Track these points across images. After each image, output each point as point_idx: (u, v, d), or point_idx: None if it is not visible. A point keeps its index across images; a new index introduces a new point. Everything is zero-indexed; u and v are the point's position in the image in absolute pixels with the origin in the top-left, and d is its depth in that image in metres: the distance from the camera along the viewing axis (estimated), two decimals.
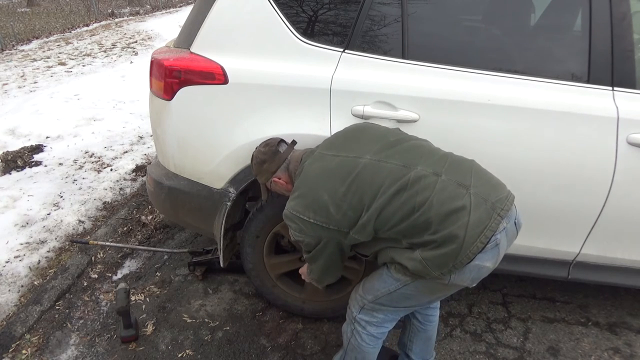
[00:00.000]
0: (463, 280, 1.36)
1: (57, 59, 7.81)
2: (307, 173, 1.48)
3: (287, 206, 1.48)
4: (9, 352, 2.03)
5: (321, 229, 1.42)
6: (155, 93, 1.96)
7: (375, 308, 1.53)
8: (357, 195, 1.37)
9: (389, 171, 1.38)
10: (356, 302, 1.58)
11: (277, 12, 1.79)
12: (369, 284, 1.55)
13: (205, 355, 2.03)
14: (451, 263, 1.30)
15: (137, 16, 14.20)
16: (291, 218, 1.46)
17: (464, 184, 1.34)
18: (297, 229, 1.45)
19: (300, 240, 1.48)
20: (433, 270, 1.31)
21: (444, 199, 1.31)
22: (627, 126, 1.69)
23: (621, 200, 1.77)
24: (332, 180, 1.41)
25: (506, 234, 1.35)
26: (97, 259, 2.67)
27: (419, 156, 1.41)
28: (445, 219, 1.29)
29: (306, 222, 1.43)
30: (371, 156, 1.42)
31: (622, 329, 2.17)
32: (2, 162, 3.75)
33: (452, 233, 1.28)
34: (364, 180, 1.38)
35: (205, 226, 2.07)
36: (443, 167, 1.38)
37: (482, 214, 1.30)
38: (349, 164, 1.42)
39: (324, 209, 1.40)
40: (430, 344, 1.80)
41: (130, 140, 4.34)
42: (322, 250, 1.47)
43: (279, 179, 1.61)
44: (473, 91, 1.74)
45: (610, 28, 1.70)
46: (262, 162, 1.62)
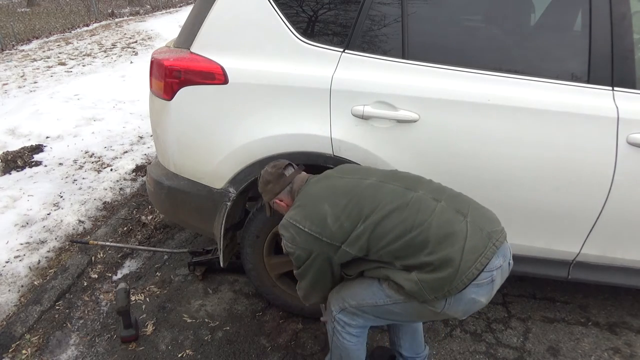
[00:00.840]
0: (456, 312, 1.39)
1: (57, 59, 7.81)
2: (312, 188, 1.53)
3: (286, 216, 1.51)
4: (9, 352, 2.03)
5: (313, 239, 1.43)
6: (155, 93, 1.96)
7: (357, 313, 1.53)
8: (357, 207, 1.41)
9: (391, 190, 1.44)
10: (337, 303, 1.57)
11: (277, 12, 1.79)
12: (355, 290, 1.53)
13: (205, 355, 2.03)
14: (446, 287, 1.31)
15: (137, 16, 14.20)
16: (286, 226, 1.48)
17: (462, 212, 1.39)
18: (290, 239, 1.47)
19: (291, 252, 1.49)
20: (428, 293, 1.32)
21: (442, 222, 1.35)
22: (627, 126, 1.69)
23: (621, 200, 1.77)
24: (336, 193, 1.46)
25: (501, 273, 1.39)
26: (97, 259, 2.67)
27: (419, 184, 1.48)
28: (442, 241, 1.32)
29: (300, 231, 1.44)
30: (376, 179, 1.48)
31: (622, 329, 2.17)
32: (2, 162, 3.75)
33: (449, 256, 1.30)
34: (365, 195, 1.43)
35: (205, 226, 2.07)
36: (442, 195, 1.44)
37: (477, 242, 1.33)
38: (354, 182, 1.48)
39: (322, 219, 1.42)
40: (418, 337, 1.79)
41: (130, 140, 4.34)
42: (310, 265, 1.48)
43: (280, 200, 1.63)
44: (473, 91, 1.74)
45: (610, 28, 1.69)
46: (267, 182, 1.64)
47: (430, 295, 1.33)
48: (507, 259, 1.41)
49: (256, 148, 1.85)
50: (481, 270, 1.31)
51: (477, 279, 1.31)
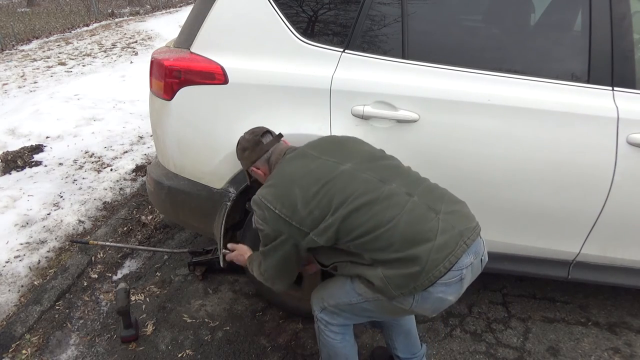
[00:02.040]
0: (424, 310, 1.37)
1: (57, 59, 7.81)
2: (286, 166, 1.49)
3: (258, 192, 1.48)
4: (9, 352, 2.03)
5: (283, 222, 1.41)
6: (155, 93, 1.96)
7: (336, 312, 1.54)
8: (327, 196, 1.38)
9: (364, 181, 1.39)
10: (317, 303, 1.58)
11: (277, 12, 1.79)
12: (330, 290, 1.54)
13: (205, 355, 2.03)
14: (412, 284, 1.29)
15: (137, 16, 14.20)
16: (258, 204, 1.46)
17: (434, 209, 1.35)
18: (261, 217, 1.44)
19: (261, 229, 1.46)
20: (393, 289, 1.31)
21: (411, 220, 1.32)
22: (627, 126, 1.69)
23: (621, 200, 1.77)
24: (308, 178, 1.42)
25: (472, 269, 1.36)
26: (97, 259, 2.67)
27: (396, 175, 1.44)
28: (410, 239, 1.30)
29: (271, 212, 1.42)
30: (351, 165, 1.44)
31: (622, 329, 2.17)
32: (2, 162, 3.75)
33: (415, 254, 1.28)
34: (338, 184, 1.39)
35: (205, 226, 2.07)
36: (417, 189, 1.40)
37: (448, 240, 1.30)
38: (328, 167, 1.44)
39: (292, 204, 1.40)
40: (412, 338, 1.78)
41: (130, 140, 4.34)
42: (277, 248, 1.45)
43: (257, 169, 1.61)
44: (473, 91, 1.74)
45: (610, 28, 1.70)
46: (243, 149, 1.62)
47: (396, 291, 1.31)
48: (479, 256, 1.38)
49: None
50: (449, 268, 1.29)
51: (444, 277, 1.29)
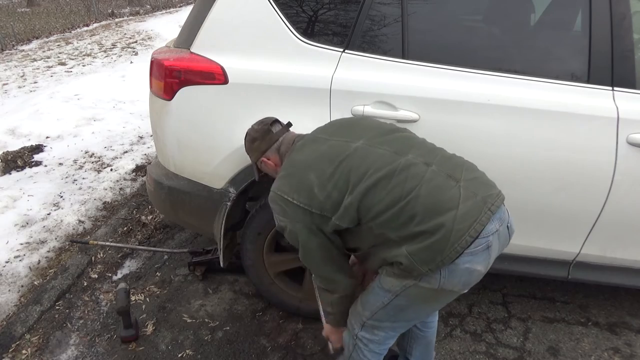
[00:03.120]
0: (454, 285, 1.30)
1: (57, 59, 7.81)
2: (297, 154, 1.44)
3: (272, 187, 1.43)
4: (9, 352, 2.03)
5: (303, 212, 1.36)
6: (155, 93, 1.96)
7: (375, 325, 1.46)
8: (343, 175, 1.33)
9: (379, 156, 1.34)
10: (356, 319, 1.50)
11: (277, 12, 1.79)
12: (364, 298, 1.48)
13: (205, 355, 2.03)
14: (438, 257, 1.23)
15: (137, 16, 14.20)
16: (274, 199, 1.41)
17: (454, 177, 1.29)
18: (280, 212, 1.40)
19: (283, 226, 1.42)
20: (420, 265, 1.24)
21: (431, 189, 1.26)
22: (627, 126, 1.69)
23: (621, 200, 1.77)
24: (321, 161, 1.37)
25: (498, 237, 1.30)
26: (97, 259, 2.67)
27: (411, 146, 1.38)
28: (432, 210, 1.24)
29: (289, 203, 1.37)
30: (364, 142, 1.39)
31: (622, 329, 2.17)
32: (2, 162, 3.75)
33: (439, 224, 1.22)
34: (352, 162, 1.34)
35: (205, 226, 2.07)
36: (434, 158, 1.35)
37: (471, 207, 1.24)
38: (340, 147, 1.39)
39: (309, 190, 1.35)
40: (430, 348, 1.78)
41: (130, 140, 4.34)
42: (308, 242, 1.39)
43: (268, 159, 1.56)
44: (473, 91, 1.74)
45: (610, 28, 1.70)
46: (253, 139, 1.58)
47: (424, 267, 1.24)
48: (504, 222, 1.31)
49: None
50: (475, 237, 1.23)
51: (470, 246, 1.23)
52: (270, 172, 1.62)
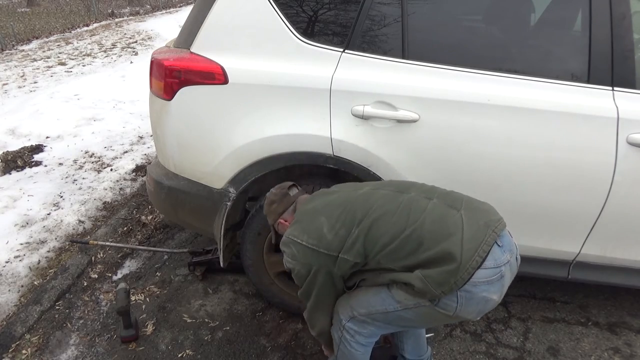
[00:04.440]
0: (468, 313, 1.35)
1: (57, 59, 7.81)
2: (307, 204, 1.55)
3: (285, 233, 1.54)
4: (9, 352, 2.03)
5: (312, 252, 1.44)
6: (155, 93, 1.96)
7: (367, 321, 1.51)
8: (350, 214, 1.43)
9: (382, 195, 1.47)
10: (346, 311, 1.54)
11: (277, 12, 1.79)
12: (363, 298, 1.50)
13: (205, 355, 2.03)
14: (452, 279, 1.28)
15: (137, 16, 14.20)
16: (286, 243, 1.50)
17: (454, 207, 1.39)
18: (290, 255, 1.48)
19: (292, 267, 1.50)
20: (434, 288, 1.29)
21: (435, 217, 1.36)
22: (627, 126, 1.69)
23: (621, 200, 1.77)
24: (330, 206, 1.49)
25: (510, 268, 1.36)
26: (97, 259, 2.67)
27: (411, 185, 1.53)
28: (438, 235, 1.32)
29: (298, 245, 1.46)
30: (369, 188, 1.52)
31: (622, 329, 2.17)
32: (2, 162, 3.75)
33: (448, 248, 1.29)
34: (358, 202, 1.46)
35: (205, 226, 2.07)
36: (434, 194, 1.46)
37: (475, 231, 1.32)
38: (347, 194, 1.52)
39: (318, 231, 1.44)
40: (421, 340, 1.79)
41: (130, 140, 4.34)
42: (313, 282, 1.48)
43: (285, 221, 1.62)
44: (473, 91, 1.74)
45: (610, 28, 1.70)
46: (271, 202, 1.64)
47: (438, 290, 1.29)
48: (514, 254, 1.39)
49: (256, 148, 1.85)
50: (484, 258, 1.28)
51: (484, 273, 1.29)
52: None
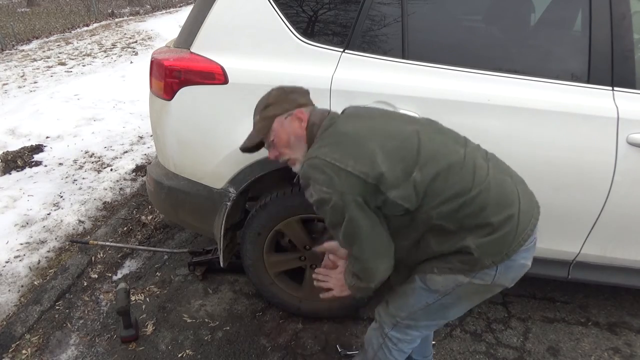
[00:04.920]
0: (506, 280, 1.31)
1: (57, 59, 7.81)
2: (344, 126, 1.30)
3: (314, 154, 1.24)
4: (9, 352, 2.03)
5: (356, 180, 1.19)
6: (155, 93, 1.96)
7: (410, 325, 1.43)
8: (409, 151, 1.23)
9: (443, 143, 1.29)
10: (388, 320, 1.45)
11: (277, 12, 1.79)
12: (401, 301, 1.41)
13: (205, 355, 2.03)
14: (505, 250, 1.23)
15: (137, 16, 14.20)
16: (319, 166, 1.21)
17: (507, 174, 1.32)
18: (325, 182, 1.20)
19: (325, 198, 1.21)
20: (485, 258, 1.22)
21: (498, 182, 1.26)
22: (627, 126, 1.69)
23: (621, 200, 1.77)
24: (381, 135, 1.25)
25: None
26: (97, 259, 2.67)
27: (462, 137, 1.37)
28: (501, 202, 1.23)
29: (341, 171, 1.19)
30: (418, 127, 1.31)
31: (622, 329, 2.17)
32: (2, 162, 3.75)
33: (508, 216, 1.22)
34: (418, 142, 1.25)
35: (205, 226, 2.07)
36: (486, 154, 1.35)
37: (528, 203, 1.28)
38: (400, 128, 1.29)
39: (370, 158, 1.20)
40: (429, 342, 1.79)
41: (130, 140, 4.34)
42: (357, 216, 1.21)
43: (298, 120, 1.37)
44: (473, 91, 1.74)
45: (610, 28, 1.70)
46: (266, 105, 1.40)
47: (488, 260, 1.23)
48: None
49: None
50: (533, 231, 1.26)
51: (527, 241, 1.26)
52: (289, 139, 1.39)
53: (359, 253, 1.26)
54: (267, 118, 1.42)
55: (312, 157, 1.24)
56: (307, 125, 1.38)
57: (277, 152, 1.43)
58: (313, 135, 1.36)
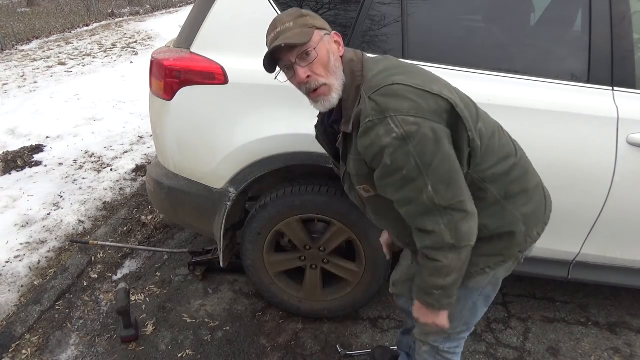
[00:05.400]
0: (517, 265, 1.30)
1: (57, 59, 7.80)
2: (396, 61, 1.17)
3: (385, 82, 1.04)
4: (9, 352, 2.03)
5: (446, 106, 1.03)
6: (155, 93, 1.96)
7: (463, 330, 1.40)
8: (470, 102, 1.14)
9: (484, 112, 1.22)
10: (437, 337, 1.40)
11: (277, 12, 1.79)
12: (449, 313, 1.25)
13: (205, 355, 2.03)
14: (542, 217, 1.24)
15: (137, 16, 14.20)
16: (400, 92, 1.01)
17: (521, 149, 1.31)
18: (412, 109, 0.99)
19: (412, 131, 0.98)
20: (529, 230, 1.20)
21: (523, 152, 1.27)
22: (627, 126, 1.69)
23: (621, 200, 1.76)
24: (437, 78, 1.14)
25: None
26: (97, 259, 2.67)
27: None
28: (532, 168, 1.25)
29: (429, 96, 1.01)
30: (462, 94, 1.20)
31: (622, 329, 2.17)
32: (2, 162, 3.75)
33: (537, 183, 1.24)
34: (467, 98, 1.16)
35: (205, 226, 2.07)
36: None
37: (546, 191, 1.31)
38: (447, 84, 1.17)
39: (447, 87, 1.09)
40: None
41: (130, 140, 4.34)
42: (451, 156, 1.03)
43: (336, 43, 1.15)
44: (473, 91, 1.72)
45: (610, 28, 1.69)
46: (302, 15, 1.14)
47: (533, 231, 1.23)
48: None
49: (256, 148, 1.85)
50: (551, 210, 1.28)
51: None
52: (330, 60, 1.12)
53: (452, 196, 1.03)
54: (306, 26, 1.13)
55: (384, 85, 1.03)
56: (342, 56, 1.16)
57: (310, 72, 1.12)
58: (353, 69, 1.13)
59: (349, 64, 1.14)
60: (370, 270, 1.99)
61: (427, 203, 1.03)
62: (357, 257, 1.99)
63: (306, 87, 1.13)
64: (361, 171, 1.14)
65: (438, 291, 1.12)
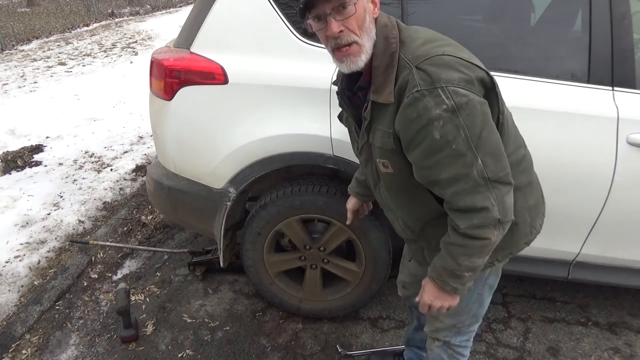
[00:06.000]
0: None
1: (57, 59, 7.81)
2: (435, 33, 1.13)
3: (433, 52, 1.01)
4: (9, 352, 2.03)
5: (490, 83, 1.04)
6: (155, 93, 1.96)
7: (472, 322, 1.42)
8: None
9: None
10: (448, 332, 1.42)
11: (277, 12, 1.79)
12: (456, 308, 1.24)
13: (205, 355, 2.03)
14: (542, 210, 1.26)
15: (137, 16, 14.21)
16: (450, 63, 0.98)
17: None
18: (463, 81, 0.97)
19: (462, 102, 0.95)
20: (533, 220, 1.22)
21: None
22: (627, 126, 1.69)
23: (621, 200, 1.76)
24: None
25: None
26: (97, 259, 2.67)
27: None
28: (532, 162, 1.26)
29: (476, 70, 1.01)
30: None
31: (622, 329, 2.17)
32: (2, 162, 3.75)
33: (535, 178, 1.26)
34: None
35: (205, 226, 2.07)
36: None
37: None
38: None
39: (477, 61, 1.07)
40: None
41: (130, 140, 4.35)
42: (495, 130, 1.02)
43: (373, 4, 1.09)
44: None
45: (610, 28, 1.69)
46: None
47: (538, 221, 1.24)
48: None
49: (256, 148, 1.85)
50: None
51: None
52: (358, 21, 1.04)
53: (507, 169, 1.03)
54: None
55: (434, 54, 1.00)
56: (376, 18, 1.10)
57: (343, 27, 1.04)
58: (387, 35, 1.07)
59: (382, 28, 1.08)
60: (370, 270, 1.99)
61: (477, 178, 0.99)
62: (357, 257, 1.99)
63: (336, 41, 1.05)
64: (386, 145, 1.09)
65: (469, 273, 1.09)
